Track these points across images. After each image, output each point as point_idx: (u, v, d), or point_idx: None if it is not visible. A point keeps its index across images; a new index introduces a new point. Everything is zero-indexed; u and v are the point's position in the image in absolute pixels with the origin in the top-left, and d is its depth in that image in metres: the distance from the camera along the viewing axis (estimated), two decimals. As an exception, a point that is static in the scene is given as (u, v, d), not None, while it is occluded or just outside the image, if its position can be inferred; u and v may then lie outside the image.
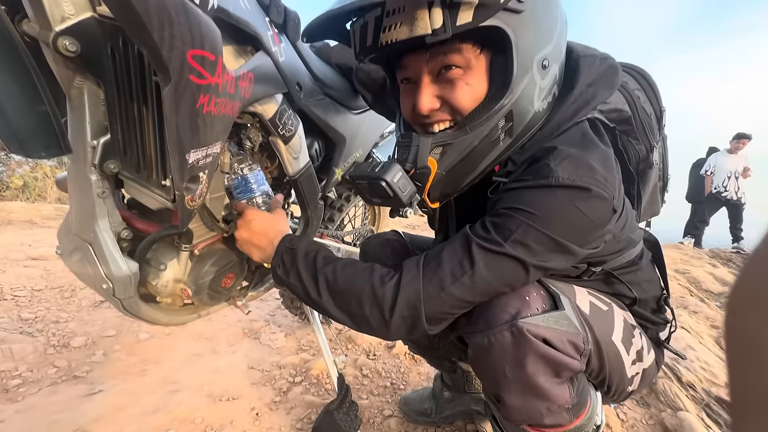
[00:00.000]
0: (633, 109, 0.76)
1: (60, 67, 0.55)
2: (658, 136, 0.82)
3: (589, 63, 0.66)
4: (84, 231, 0.69)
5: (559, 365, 0.62)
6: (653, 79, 0.81)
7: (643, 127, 0.78)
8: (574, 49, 0.69)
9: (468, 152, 0.64)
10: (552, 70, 0.62)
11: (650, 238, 0.87)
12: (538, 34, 0.59)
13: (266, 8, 0.75)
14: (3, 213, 2.99)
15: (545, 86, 0.62)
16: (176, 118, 0.50)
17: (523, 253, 0.58)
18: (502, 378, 0.63)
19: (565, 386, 0.64)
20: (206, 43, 0.49)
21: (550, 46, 0.60)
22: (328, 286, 0.67)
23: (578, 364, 0.64)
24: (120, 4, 0.39)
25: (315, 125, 1.06)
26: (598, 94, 0.65)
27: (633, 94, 0.77)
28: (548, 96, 0.63)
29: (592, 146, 0.62)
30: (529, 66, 0.59)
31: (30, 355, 1.38)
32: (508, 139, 0.64)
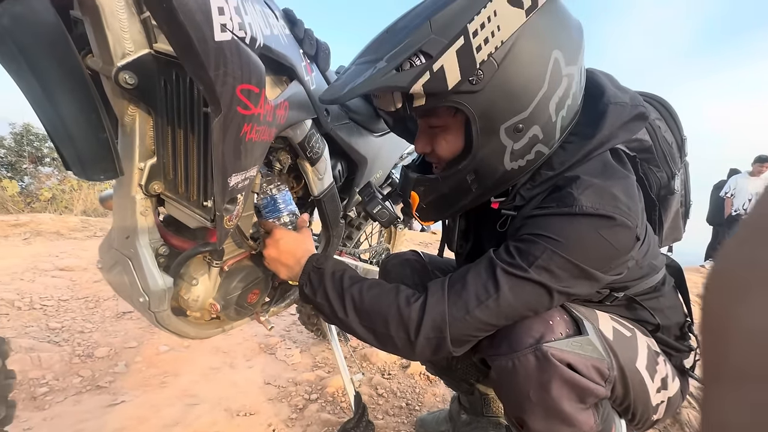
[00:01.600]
0: (653, 139, 0.78)
1: (117, 97, 0.61)
2: (679, 164, 0.83)
3: (617, 112, 0.66)
4: (125, 246, 0.73)
5: (584, 391, 0.62)
6: (674, 108, 0.83)
7: (664, 156, 0.79)
8: (605, 93, 0.68)
9: (441, 194, 0.73)
10: (531, 132, 0.63)
11: (673, 264, 0.87)
12: (505, 105, 0.61)
13: (300, 41, 0.80)
14: (33, 224, 3.12)
15: (519, 147, 0.64)
16: (223, 146, 0.54)
17: (548, 279, 0.59)
18: (526, 401, 0.63)
19: (590, 412, 0.64)
20: (253, 78, 0.53)
21: (525, 111, 0.61)
22: (355, 306, 0.69)
23: (603, 390, 0.64)
24: (184, 47, 0.43)
25: (339, 147, 1.11)
26: (616, 137, 0.67)
27: (654, 123, 0.78)
28: (528, 154, 0.65)
29: (615, 175, 0.64)
30: (495, 132, 0.63)
31: (57, 364, 1.42)
32: (480, 189, 0.70)
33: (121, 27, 0.55)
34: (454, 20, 0.57)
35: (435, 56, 0.57)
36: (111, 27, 0.54)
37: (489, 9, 0.57)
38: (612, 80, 0.71)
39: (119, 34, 0.55)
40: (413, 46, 0.58)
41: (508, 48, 0.58)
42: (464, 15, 0.57)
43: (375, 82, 0.59)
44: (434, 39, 0.57)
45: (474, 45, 0.57)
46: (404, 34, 0.60)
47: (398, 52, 0.58)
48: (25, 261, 2.32)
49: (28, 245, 2.71)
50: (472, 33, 0.57)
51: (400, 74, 0.58)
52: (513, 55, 0.59)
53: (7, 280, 2.01)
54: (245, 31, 0.51)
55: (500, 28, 0.58)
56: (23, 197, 4.53)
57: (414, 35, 0.58)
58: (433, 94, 0.60)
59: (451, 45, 0.57)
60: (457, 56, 0.57)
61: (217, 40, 0.45)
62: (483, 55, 0.58)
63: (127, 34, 0.56)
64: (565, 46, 0.62)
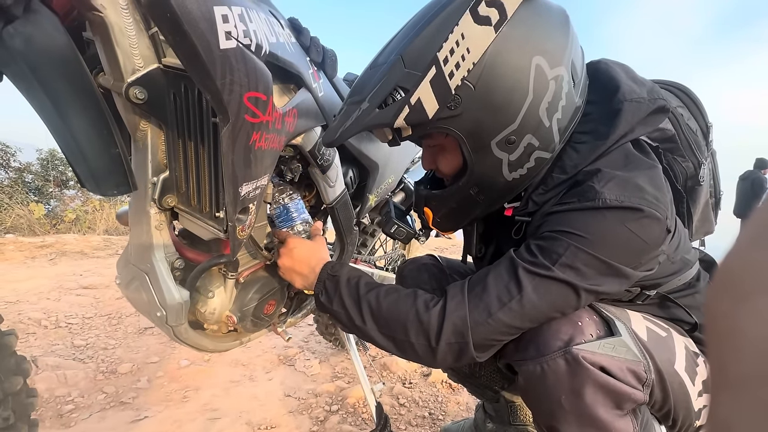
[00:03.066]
0: (676, 127, 0.74)
1: (128, 113, 0.61)
2: (706, 152, 0.79)
3: (633, 110, 0.63)
4: (141, 261, 0.74)
5: (620, 396, 0.58)
6: (696, 95, 0.79)
7: (689, 144, 0.75)
8: (620, 89, 0.65)
9: (451, 208, 0.75)
10: (524, 141, 0.63)
11: (707, 259, 0.83)
12: (491, 121, 0.61)
13: (307, 49, 0.80)
14: (58, 245, 3.22)
15: (516, 158, 0.64)
16: (232, 155, 0.53)
17: (573, 277, 0.57)
18: (558, 408, 0.60)
19: (628, 419, 0.60)
20: (260, 86, 0.53)
21: (514, 123, 0.61)
22: (372, 313, 0.67)
23: (641, 395, 0.60)
24: (190, 56, 0.43)
25: (350, 154, 1.10)
26: (633, 132, 0.64)
27: (675, 111, 0.75)
28: (527, 162, 0.65)
29: (639, 166, 0.61)
30: (487, 148, 0.63)
31: (81, 381, 1.44)
32: (487, 200, 0.70)
33: (130, 44, 0.56)
34: (423, 51, 0.58)
35: (411, 90, 0.58)
36: (120, 44, 0.55)
37: (456, 33, 0.57)
38: (629, 72, 0.68)
39: (128, 50, 0.56)
40: (390, 83, 0.60)
41: (482, 68, 0.58)
42: (432, 44, 0.57)
43: (361, 122, 0.62)
44: (408, 73, 0.58)
45: (446, 72, 0.58)
46: (382, 71, 0.61)
47: (378, 91, 0.60)
48: (50, 281, 2.38)
49: (54, 265, 2.79)
50: (442, 61, 0.57)
51: (383, 112, 0.60)
52: (488, 73, 0.58)
53: (34, 300, 2.07)
54: (250, 38, 0.50)
55: (470, 50, 0.57)
56: (49, 219, 4.69)
57: (390, 72, 0.60)
58: (417, 125, 0.62)
59: (424, 77, 0.58)
60: (431, 86, 0.58)
61: (222, 48, 0.45)
62: (456, 81, 0.58)
63: (137, 51, 0.57)
64: (546, 49, 0.59)
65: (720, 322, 0.20)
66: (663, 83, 0.81)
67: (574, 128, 0.66)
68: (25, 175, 6.85)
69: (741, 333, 0.18)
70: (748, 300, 0.18)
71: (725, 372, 0.19)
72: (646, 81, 0.67)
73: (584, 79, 0.66)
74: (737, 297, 0.19)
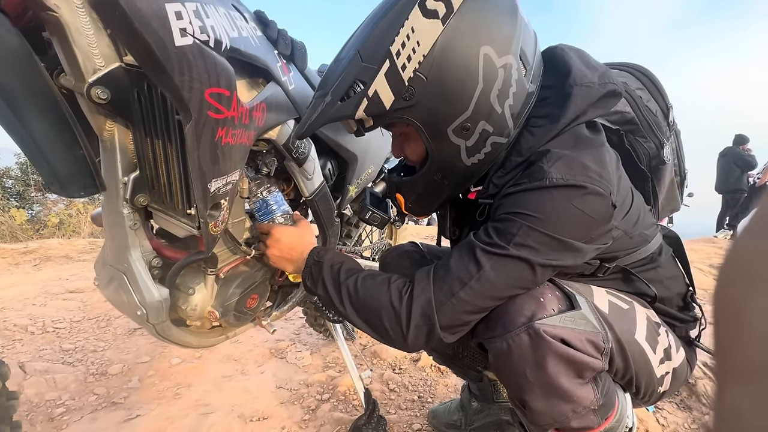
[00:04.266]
0: (635, 109, 0.77)
1: (93, 113, 0.61)
2: (668, 132, 0.82)
3: (583, 94, 0.66)
4: (118, 261, 0.74)
5: (580, 365, 0.61)
6: (656, 76, 0.81)
7: (649, 125, 0.78)
8: (571, 74, 0.67)
9: (419, 194, 0.78)
10: (479, 128, 0.65)
11: (671, 234, 0.86)
12: (445, 110, 0.64)
13: (274, 42, 0.80)
14: (42, 250, 3.17)
15: (472, 144, 0.67)
16: (198, 151, 0.54)
17: (528, 254, 0.60)
18: (524, 381, 0.63)
19: (589, 387, 0.64)
20: (222, 81, 0.53)
21: (467, 112, 0.63)
22: (350, 299, 0.70)
23: (600, 363, 0.63)
24: (144, 54, 0.43)
25: (327, 146, 1.10)
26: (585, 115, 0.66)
27: (634, 94, 0.77)
28: (484, 148, 0.67)
29: (586, 146, 0.64)
30: (444, 135, 0.66)
31: (72, 384, 1.44)
32: (452, 184, 0.74)
33: (88, 43, 0.55)
34: (377, 46, 0.61)
35: (368, 83, 0.61)
36: (78, 44, 0.54)
37: (406, 27, 0.59)
38: (583, 57, 0.70)
39: (87, 50, 0.55)
40: (350, 77, 0.63)
41: (432, 59, 0.60)
42: (386, 38, 0.60)
43: (326, 115, 0.65)
44: (365, 67, 0.62)
45: (399, 65, 0.60)
46: (343, 65, 0.64)
47: (339, 85, 0.63)
48: (36, 286, 2.35)
49: (39, 271, 2.75)
50: (395, 54, 0.60)
51: (344, 104, 0.63)
52: (439, 64, 0.60)
53: (19, 306, 2.04)
54: (208, 34, 0.51)
55: (420, 43, 0.60)
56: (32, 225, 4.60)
57: (349, 67, 0.63)
58: (376, 116, 0.65)
59: (379, 70, 0.61)
60: (386, 79, 0.61)
61: (177, 45, 0.45)
62: (409, 73, 0.61)
63: (96, 50, 0.56)
64: (493, 39, 0.61)
65: (727, 311, 0.20)
66: (624, 66, 0.83)
67: (531, 112, 0.68)
68: (4, 180, 6.68)
69: (748, 323, 0.18)
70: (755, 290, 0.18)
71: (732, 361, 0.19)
72: (600, 66, 0.70)
73: (537, 65, 0.68)
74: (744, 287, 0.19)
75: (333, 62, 0.69)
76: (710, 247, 4.50)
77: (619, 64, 0.84)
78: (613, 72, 0.70)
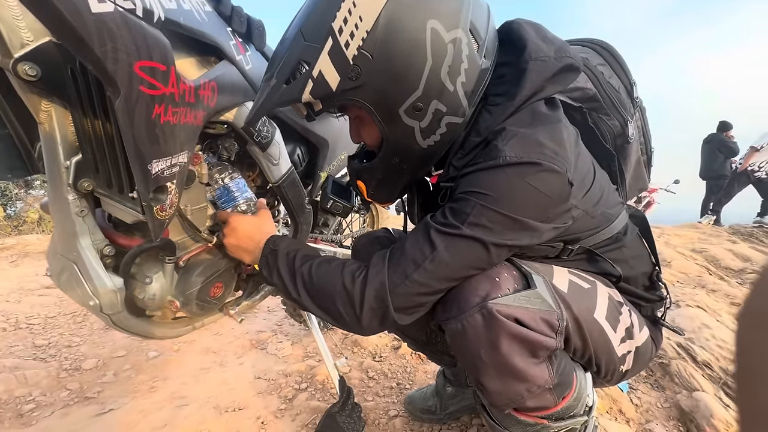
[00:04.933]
0: (597, 85, 0.75)
1: (25, 92, 0.57)
2: (632, 109, 0.80)
3: (539, 68, 0.63)
4: (68, 250, 0.71)
5: (533, 344, 0.61)
6: (618, 52, 0.79)
7: (612, 102, 0.76)
8: (527, 48, 0.65)
9: (379, 179, 0.75)
10: (431, 108, 0.62)
11: (637, 214, 0.85)
12: (395, 90, 0.61)
13: (227, 19, 0.76)
14: (20, 246, 3.09)
15: (426, 125, 0.64)
16: (132, 129, 0.51)
17: (481, 233, 0.58)
18: (479, 362, 0.62)
19: (543, 366, 0.63)
20: (154, 54, 0.50)
21: (417, 91, 0.60)
22: (305, 285, 0.68)
23: (553, 342, 0.62)
24: (56, 22, 0.40)
25: (294, 131, 1.07)
26: (543, 90, 0.64)
27: (596, 70, 0.75)
28: (439, 128, 0.65)
29: (542, 123, 0.62)
30: (396, 117, 0.63)
31: (43, 380, 1.41)
32: (409, 167, 0.71)
33: (13, 15, 0.52)
34: (319, 23, 0.58)
35: (312, 63, 0.58)
36: (2, 17, 0.51)
37: (348, 2, 0.56)
38: (539, 31, 0.67)
39: (12, 23, 0.52)
40: (293, 57, 0.59)
41: (376, 36, 0.57)
42: (327, 15, 0.57)
43: (272, 99, 0.62)
44: (308, 46, 0.58)
45: (341, 43, 0.57)
46: (286, 46, 0.61)
47: (283, 66, 0.60)
48: (11, 283, 2.30)
49: (16, 267, 2.69)
50: (337, 31, 0.57)
51: (290, 87, 0.60)
52: (383, 40, 0.57)
53: (-8, 304, 1.99)
54: (133, 2, 0.47)
55: (362, 18, 0.56)
56: (11, 221, 4.49)
57: (292, 47, 0.60)
58: (324, 98, 0.62)
59: (322, 49, 0.58)
60: (330, 58, 0.58)
61: (94, 12, 0.42)
62: (353, 50, 0.58)
63: (22, 23, 0.53)
64: (440, 12, 0.58)
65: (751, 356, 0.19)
66: (586, 42, 0.82)
67: (489, 90, 0.66)
68: (-19, 177, 6.49)
69: None
70: None
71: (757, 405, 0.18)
72: (557, 39, 0.67)
73: (491, 40, 0.65)
74: None
75: (279, 43, 0.65)
76: (694, 232, 4.57)
77: (581, 40, 0.82)
78: (573, 48, 0.67)
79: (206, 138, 0.84)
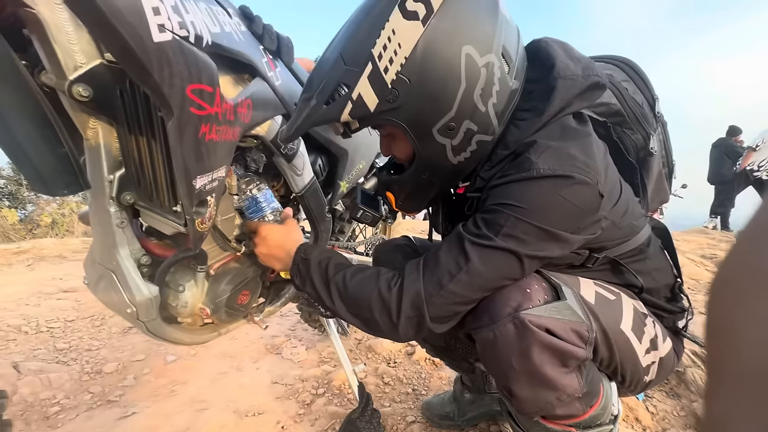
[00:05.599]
0: (621, 101, 0.77)
1: (76, 111, 0.60)
2: (654, 124, 0.82)
3: (567, 86, 0.66)
4: (107, 260, 0.74)
5: (564, 354, 0.62)
6: (641, 68, 0.82)
7: (635, 117, 0.79)
8: (555, 66, 0.67)
9: (409, 191, 0.79)
10: (463, 127, 0.65)
11: (659, 226, 0.87)
12: (429, 110, 0.64)
13: (259, 37, 0.79)
14: (35, 250, 3.15)
15: (458, 143, 0.67)
16: (181, 148, 0.54)
17: (515, 245, 0.60)
18: (510, 370, 0.64)
19: (573, 375, 0.65)
20: (203, 77, 0.53)
21: (451, 112, 0.64)
22: (340, 294, 0.70)
23: (583, 352, 0.64)
24: (122, 51, 0.43)
25: (317, 142, 1.10)
26: (571, 106, 0.67)
27: (620, 86, 0.78)
28: (470, 146, 0.68)
29: (573, 137, 0.64)
30: (429, 135, 0.66)
31: (66, 383, 1.44)
32: (439, 181, 0.74)
33: (68, 40, 0.55)
34: (359, 48, 0.61)
35: (352, 86, 0.62)
36: (58, 41, 0.54)
37: (387, 29, 0.59)
38: (567, 50, 0.70)
39: (68, 47, 0.55)
40: (333, 80, 0.63)
41: (414, 61, 0.60)
42: (367, 41, 0.60)
43: (312, 119, 0.65)
44: (348, 70, 0.62)
45: (381, 68, 0.61)
46: (326, 68, 0.64)
47: (324, 88, 0.64)
48: (29, 286, 2.34)
49: (32, 271, 2.74)
50: (377, 57, 0.60)
51: (329, 108, 0.64)
52: (421, 66, 0.61)
53: (12, 307, 2.03)
54: (187, 29, 0.50)
55: (401, 45, 0.60)
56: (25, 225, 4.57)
57: (332, 70, 0.63)
58: (362, 118, 0.66)
59: (362, 73, 0.61)
60: (369, 82, 0.61)
61: (156, 41, 0.44)
62: (392, 75, 0.61)
63: (77, 47, 0.56)
64: (475, 38, 0.61)
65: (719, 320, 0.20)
66: (609, 59, 0.84)
67: (516, 106, 0.68)
68: (-5, 181, 6.62)
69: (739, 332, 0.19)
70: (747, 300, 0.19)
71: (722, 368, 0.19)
72: (583, 58, 0.70)
73: (521, 61, 0.68)
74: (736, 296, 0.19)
75: (318, 63, 0.69)
76: (702, 237, 4.54)
77: (604, 57, 0.84)
78: (598, 65, 0.70)
79: (236, 150, 0.87)
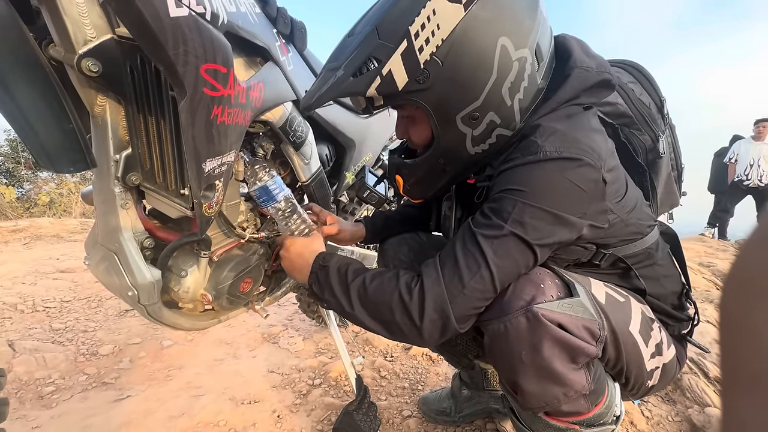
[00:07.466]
0: (627, 101, 0.77)
1: (84, 87, 0.59)
2: (662, 126, 0.82)
3: (582, 76, 0.66)
4: (109, 241, 0.73)
5: (574, 350, 0.62)
6: (648, 71, 0.81)
7: (643, 118, 0.79)
8: (572, 57, 0.68)
9: (419, 176, 0.77)
10: (487, 118, 0.65)
11: (668, 231, 0.86)
12: (457, 97, 0.63)
13: (273, 20, 0.77)
14: (32, 229, 3.13)
15: (479, 134, 0.67)
16: (192, 129, 0.52)
17: (523, 232, 0.60)
18: (519, 363, 0.63)
19: (582, 372, 0.64)
20: (218, 57, 0.51)
21: (478, 101, 0.63)
22: (360, 299, 0.68)
23: (594, 350, 0.63)
24: (137, 24, 0.41)
25: (324, 131, 1.08)
26: (578, 98, 0.67)
27: (626, 87, 0.78)
28: (489, 138, 0.67)
29: (578, 122, 0.65)
30: (452, 122, 0.66)
31: (62, 363, 1.44)
32: (452, 170, 0.73)
33: (79, 12, 0.53)
34: (396, 24, 0.59)
35: (383, 61, 0.60)
36: (69, 13, 0.52)
37: (428, 8, 0.58)
38: (583, 46, 0.70)
39: (78, 20, 0.53)
40: (365, 52, 0.61)
41: (450, 45, 0.59)
42: (405, 18, 0.59)
43: (336, 89, 0.63)
44: (381, 44, 0.60)
45: (416, 46, 0.59)
46: (358, 40, 0.63)
47: (353, 60, 0.62)
48: (26, 265, 2.33)
49: (29, 250, 2.72)
50: (413, 35, 0.59)
51: (357, 80, 0.62)
52: (456, 50, 0.60)
53: (8, 285, 2.02)
54: (204, 6, 0.48)
55: (440, 26, 0.58)
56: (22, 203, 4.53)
57: (364, 42, 0.61)
58: (388, 95, 0.64)
59: (396, 49, 0.59)
60: (402, 59, 0.60)
61: (172, 16, 0.43)
62: (426, 55, 0.60)
63: (87, 20, 0.54)
64: (512, 31, 0.61)
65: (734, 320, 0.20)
66: (616, 62, 0.85)
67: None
68: (-7, 158, 6.56)
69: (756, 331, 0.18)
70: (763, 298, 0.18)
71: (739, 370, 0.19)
72: (598, 56, 0.70)
73: (549, 61, 0.68)
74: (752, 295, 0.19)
75: (347, 35, 0.67)
76: (701, 245, 4.56)
77: (611, 60, 0.84)
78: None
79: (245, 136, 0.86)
